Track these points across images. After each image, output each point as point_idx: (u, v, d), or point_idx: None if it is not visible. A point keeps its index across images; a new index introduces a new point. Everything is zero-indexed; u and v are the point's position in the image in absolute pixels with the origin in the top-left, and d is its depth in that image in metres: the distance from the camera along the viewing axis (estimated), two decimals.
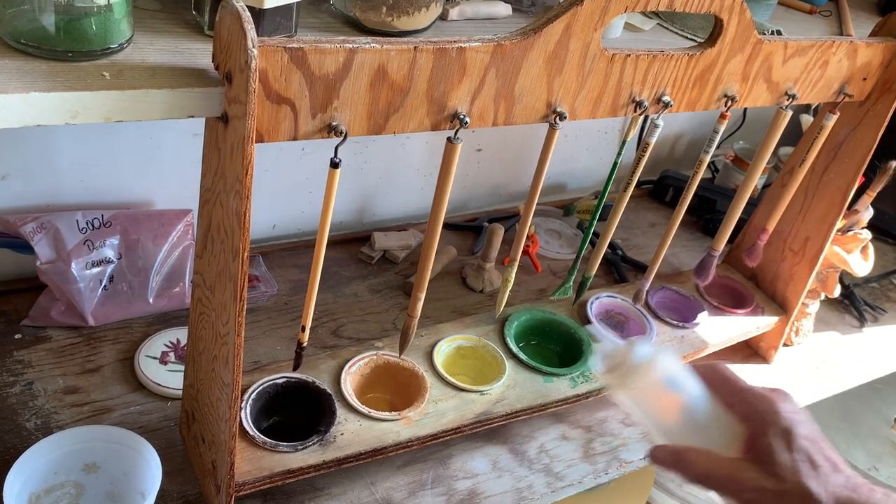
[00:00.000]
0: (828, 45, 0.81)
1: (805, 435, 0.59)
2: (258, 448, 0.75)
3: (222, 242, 0.61)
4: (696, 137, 1.59)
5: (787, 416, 0.59)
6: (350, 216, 1.23)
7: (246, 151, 0.53)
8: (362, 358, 0.87)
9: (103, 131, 0.94)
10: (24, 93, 0.47)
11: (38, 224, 0.89)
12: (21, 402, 0.82)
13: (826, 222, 1.02)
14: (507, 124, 0.67)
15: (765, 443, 0.59)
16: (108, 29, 0.52)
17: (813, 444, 0.59)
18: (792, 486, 0.57)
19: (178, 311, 0.97)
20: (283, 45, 0.52)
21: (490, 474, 0.86)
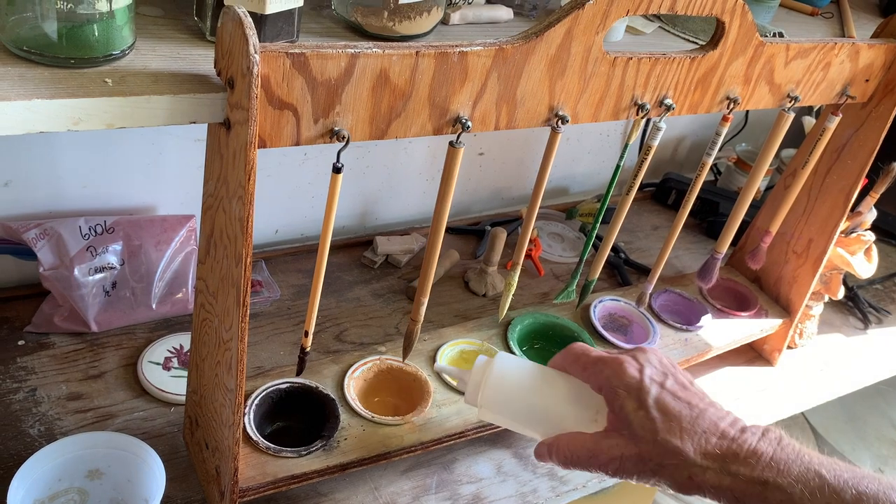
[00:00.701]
0: (830, 46, 0.81)
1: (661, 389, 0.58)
2: (262, 453, 0.75)
3: (225, 248, 0.61)
4: (698, 140, 1.59)
5: (633, 374, 0.58)
6: (352, 221, 1.23)
7: (248, 157, 0.53)
8: (365, 363, 0.86)
9: (106, 137, 0.94)
10: (26, 100, 0.47)
11: (40, 230, 0.90)
12: (25, 409, 0.82)
13: (829, 224, 1.02)
14: (509, 128, 0.67)
15: (618, 406, 0.58)
16: (110, 35, 0.52)
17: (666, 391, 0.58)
18: (652, 446, 0.56)
19: (181, 317, 0.97)
20: (285, 50, 0.52)
21: (494, 479, 0.86)
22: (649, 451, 0.56)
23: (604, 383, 0.59)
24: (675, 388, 0.58)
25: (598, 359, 0.61)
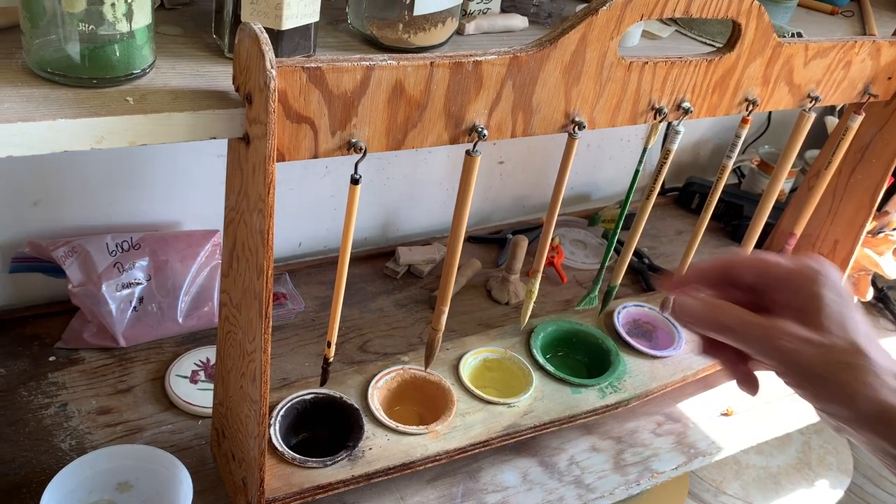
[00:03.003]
0: (850, 45, 0.81)
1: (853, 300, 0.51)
2: (288, 464, 0.75)
3: (247, 261, 0.62)
4: (720, 143, 1.57)
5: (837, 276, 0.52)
6: (374, 232, 1.24)
7: (268, 170, 0.54)
8: (389, 372, 0.87)
9: (130, 155, 0.96)
10: (51, 120, 0.48)
11: (69, 248, 0.91)
12: (56, 424, 0.83)
13: (855, 225, 1.01)
14: (526, 135, 0.67)
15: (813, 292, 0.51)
16: (130, 55, 0.53)
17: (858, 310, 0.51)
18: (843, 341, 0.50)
19: (208, 331, 0.98)
20: (301, 64, 0.53)
21: (520, 487, 0.86)
22: (838, 344, 0.50)
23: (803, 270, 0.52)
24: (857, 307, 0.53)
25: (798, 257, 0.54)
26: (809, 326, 0.50)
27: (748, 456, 1.39)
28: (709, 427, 0.97)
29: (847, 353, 0.50)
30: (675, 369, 0.97)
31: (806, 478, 1.40)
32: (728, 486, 1.35)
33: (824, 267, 0.52)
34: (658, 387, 0.95)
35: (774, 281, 0.53)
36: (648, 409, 0.97)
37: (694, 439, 0.95)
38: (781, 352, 0.50)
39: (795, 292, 0.52)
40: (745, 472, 1.39)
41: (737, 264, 0.56)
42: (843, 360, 0.50)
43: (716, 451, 0.95)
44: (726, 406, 1.00)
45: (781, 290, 0.52)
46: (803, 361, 0.50)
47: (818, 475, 1.41)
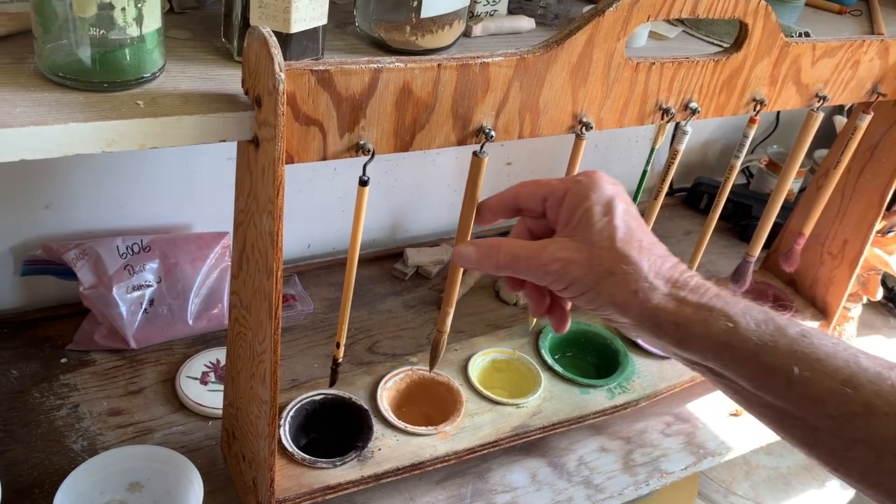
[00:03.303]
0: (858, 44, 0.80)
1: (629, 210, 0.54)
2: (297, 465, 0.76)
3: (256, 262, 0.62)
4: (728, 143, 1.57)
5: (608, 187, 0.55)
6: (382, 233, 1.24)
7: (277, 173, 0.55)
8: (397, 373, 0.87)
9: (140, 158, 0.97)
10: (62, 124, 0.49)
11: (80, 251, 0.92)
12: (68, 425, 0.84)
13: (865, 224, 1.00)
14: (533, 136, 0.67)
15: (584, 208, 0.54)
16: (141, 59, 0.53)
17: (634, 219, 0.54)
18: (607, 252, 0.52)
19: (218, 332, 0.99)
20: (310, 67, 0.53)
21: (529, 487, 0.86)
22: (602, 255, 0.52)
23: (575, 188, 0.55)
24: (637, 216, 0.55)
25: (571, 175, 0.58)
26: (581, 242, 0.53)
27: (758, 456, 1.39)
28: (718, 427, 0.97)
29: (611, 262, 0.52)
30: (684, 369, 0.97)
31: (816, 478, 1.40)
32: (738, 487, 1.35)
33: (595, 182, 0.55)
34: (667, 387, 0.95)
35: (553, 203, 0.55)
36: (657, 410, 0.97)
37: (703, 439, 0.95)
38: (551, 275, 0.53)
39: (570, 212, 0.54)
40: (755, 472, 1.38)
41: (518, 194, 0.59)
42: (607, 269, 0.52)
43: (725, 452, 0.94)
44: (735, 406, 0.99)
45: (559, 210, 0.55)
46: (571, 278, 0.53)
47: (828, 476, 1.41)
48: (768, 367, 0.50)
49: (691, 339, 0.51)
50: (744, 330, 0.50)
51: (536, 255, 0.54)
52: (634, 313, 0.52)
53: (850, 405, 0.48)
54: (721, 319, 0.51)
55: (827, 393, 0.48)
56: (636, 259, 0.52)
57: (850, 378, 0.48)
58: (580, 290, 0.54)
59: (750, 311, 0.51)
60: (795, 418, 0.50)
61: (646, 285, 0.52)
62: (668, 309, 0.52)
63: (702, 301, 0.52)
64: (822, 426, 0.49)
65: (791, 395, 0.49)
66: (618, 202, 0.54)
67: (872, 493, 0.49)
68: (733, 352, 0.50)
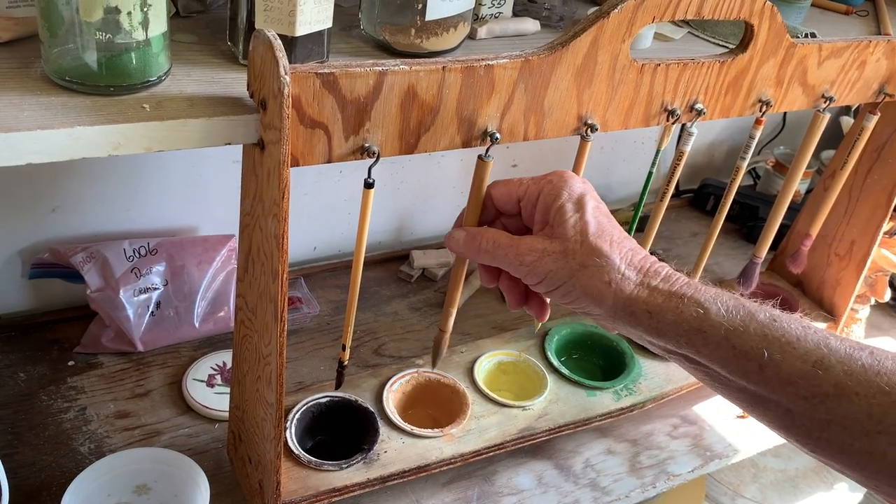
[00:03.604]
0: (864, 45, 0.80)
1: (598, 207, 0.57)
2: (303, 467, 0.76)
3: (262, 265, 0.62)
4: (735, 145, 1.57)
5: (578, 185, 0.58)
6: (388, 235, 1.24)
7: (282, 175, 0.55)
8: (403, 376, 0.87)
9: (146, 161, 0.97)
10: (69, 127, 0.49)
11: (87, 254, 0.92)
12: (75, 427, 0.84)
13: (872, 225, 1.00)
14: (538, 138, 0.67)
15: (555, 209, 0.56)
16: (147, 63, 0.54)
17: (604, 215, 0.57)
18: (580, 246, 0.55)
19: (224, 335, 0.99)
20: (315, 70, 0.53)
21: (535, 490, 0.86)
22: (576, 249, 0.55)
23: (547, 188, 0.58)
24: (607, 213, 0.58)
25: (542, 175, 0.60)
26: (555, 237, 0.56)
27: (766, 459, 1.39)
28: (725, 429, 0.97)
29: (584, 255, 0.55)
30: None
31: (824, 481, 1.39)
32: (746, 490, 1.34)
33: (565, 181, 0.58)
34: (673, 389, 0.95)
35: (527, 204, 0.58)
36: (664, 412, 0.97)
37: (710, 442, 0.95)
38: (526, 266, 0.56)
39: (545, 211, 0.57)
40: (763, 474, 1.38)
41: (492, 196, 0.62)
42: (580, 262, 0.55)
43: (732, 454, 0.94)
44: None
45: (534, 211, 0.58)
46: (545, 271, 0.55)
47: (837, 478, 1.40)
48: (739, 351, 0.51)
49: (664, 327, 0.53)
50: (714, 315, 0.52)
51: (515, 245, 0.57)
52: (608, 304, 0.54)
53: (821, 386, 0.49)
54: (692, 306, 0.52)
55: (798, 375, 0.49)
56: (608, 252, 0.54)
57: (820, 360, 0.49)
58: (555, 283, 0.56)
59: (720, 298, 0.53)
60: (770, 401, 0.51)
61: (618, 276, 0.54)
62: (640, 298, 0.54)
63: (672, 289, 0.53)
64: (795, 408, 0.50)
65: (763, 378, 0.50)
66: (588, 199, 0.57)
67: (850, 472, 0.50)
68: (705, 337, 0.52)
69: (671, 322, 0.53)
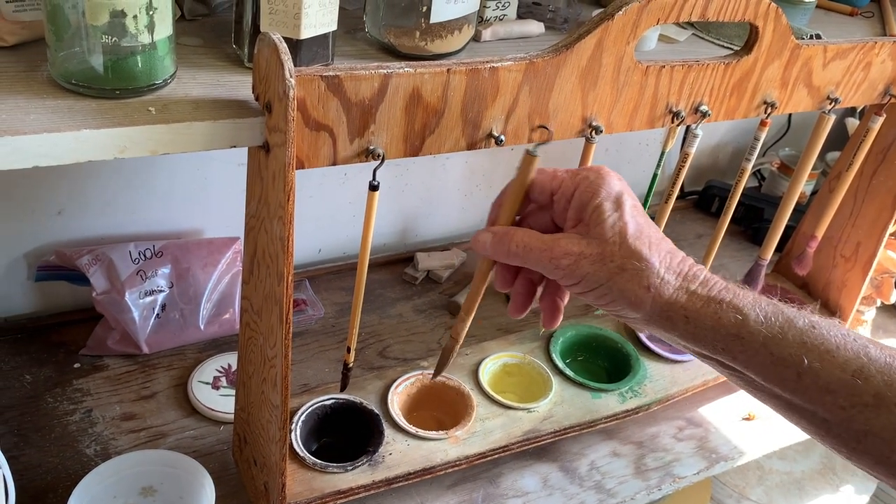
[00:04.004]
0: (870, 46, 0.80)
1: (636, 206, 0.55)
2: (309, 469, 0.76)
3: (267, 267, 0.62)
4: (740, 146, 1.57)
5: (615, 183, 0.55)
6: (393, 238, 1.24)
7: (287, 178, 0.55)
8: (408, 378, 0.87)
9: (152, 164, 0.97)
10: (75, 131, 0.49)
11: (92, 256, 0.93)
12: (81, 430, 0.85)
13: (878, 226, 1.00)
14: (543, 140, 0.67)
15: (594, 205, 0.54)
16: (152, 66, 0.54)
17: (642, 215, 0.55)
18: (619, 248, 0.53)
19: (229, 337, 0.99)
20: (320, 73, 0.53)
21: (541, 492, 0.85)
22: (614, 251, 0.53)
23: (583, 185, 0.55)
24: (643, 211, 0.56)
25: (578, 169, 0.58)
26: (592, 238, 0.53)
27: (771, 461, 1.38)
28: (731, 432, 0.97)
29: (622, 258, 0.53)
30: (696, 374, 0.97)
31: (830, 483, 1.39)
32: (751, 492, 1.34)
33: (603, 178, 0.55)
34: (679, 391, 0.94)
35: (561, 198, 0.56)
36: (669, 414, 0.97)
37: (716, 444, 0.95)
38: (562, 269, 0.54)
39: (580, 208, 0.55)
40: (769, 477, 1.37)
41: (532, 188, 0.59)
42: (618, 265, 0.53)
43: (738, 456, 0.94)
44: (748, 410, 0.99)
45: (568, 207, 0.55)
46: (582, 273, 0.53)
47: (843, 480, 1.39)
48: (777, 358, 0.50)
49: (701, 332, 0.52)
50: (753, 322, 0.51)
51: (549, 248, 0.54)
52: (646, 308, 0.53)
53: (860, 396, 0.48)
54: (731, 312, 0.51)
55: (837, 384, 0.48)
56: (647, 255, 0.53)
57: (860, 369, 0.48)
58: (591, 285, 0.54)
59: (759, 304, 0.51)
60: (805, 410, 0.50)
61: (657, 280, 0.52)
62: (679, 303, 0.52)
63: (711, 294, 0.52)
64: (832, 418, 0.49)
65: (801, 386, 0.49)
66: (626, 198, 0.55)
67: (886, 479, 0.49)
68: (743, 344, 0.51)
69: (709, 327, 0.52)
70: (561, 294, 0.60)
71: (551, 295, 0.60)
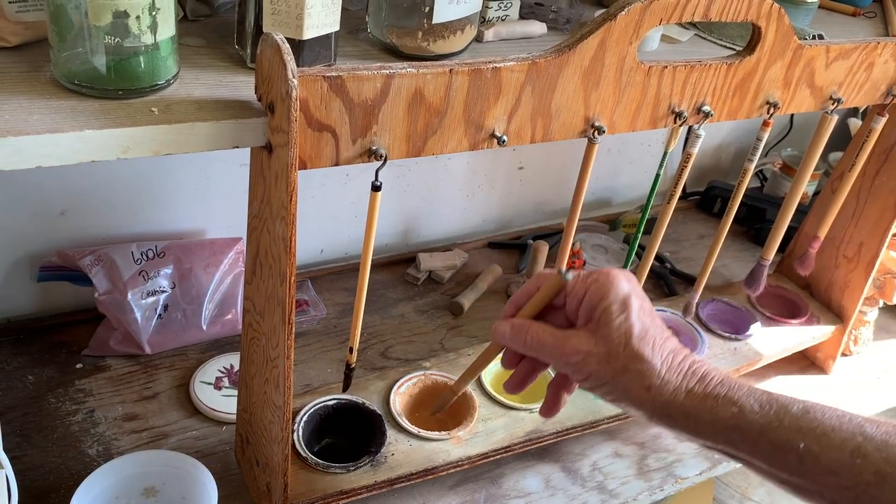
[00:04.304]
0: (872, 46, 0.80)
1: (643, 307, 0.58)
2: (311, 470, 0.76)
3: (270, 268, 0.62)
4: (742, 147, 1.56)
5: (624, 285, 0.58)
6: (395, 238, 1.24)
7: (290, 178, 0.55)
8: (410, 378, 0.87)
9: (155, 164, 0.97)
10: (78, 131, 0.49)
11: (95, 257, 0.93)
12: (83, 430, 0.85)
13: (880, 227, 0.99)
14: (546, 141, 0.67)
15: (601, 309, 0.58)
16: (155, 66, 0.54)
17: (648, 315, 0.58)
18: (623, 349, 0.56)
19: (231, 337, 0.99)
20: (322, 74, 0.53)
21: (543, 493, 0.85)
22: (619, 352, 0.56)
23: (594, 287, 0.59)
24: (651, 312, 0.60)
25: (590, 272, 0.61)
26: (600, 338, 0.57)
27: None
28: None
29: (627, 359, 0.56)
30: None
31: None
32: (754, 493, 1.34)
33: (612, 281, 0.59)
34: None
35: (573, 299, 0.60)
36: None
37: None
38: (571, 365, 0.58)
39: (590, 309, 0.58)
40: None
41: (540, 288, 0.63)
42: (622, 365, 0.57)
43: None
44: None
45: (579, 307, 0.59)
46: (589, 370, 0.57)
47: None
48: (777, 445, 0.53)
49: (701, 427, 0.55)
50: (749, 412, 0.54)
51: (560, 345, 0.58)
52: (647, 407, 0.56)
53: (861, 475, 0.50)
54: (727, 405, 0.54)
55: (837, 465, 0.50)
56: (649, 356, 0.56)
57: (857, 448, 0.50)
58: (597, 382, 0.58)
59: (753, 394, 0.55)
60: (813, 493, 0.52)
61: (657, 381, 0.56)
62: (677, 402, 0.56)
63: (707, 390, 0.55)
64: (839, 498, 0.51)
65: (803, 469, 0.52)
66: (633, 300, 0.58)
67: None
68: (742, 434, 0.54)
69: (707, 422, 0.55)
70: (568, 387, 0.63)
71: (558, 387, 0.63)
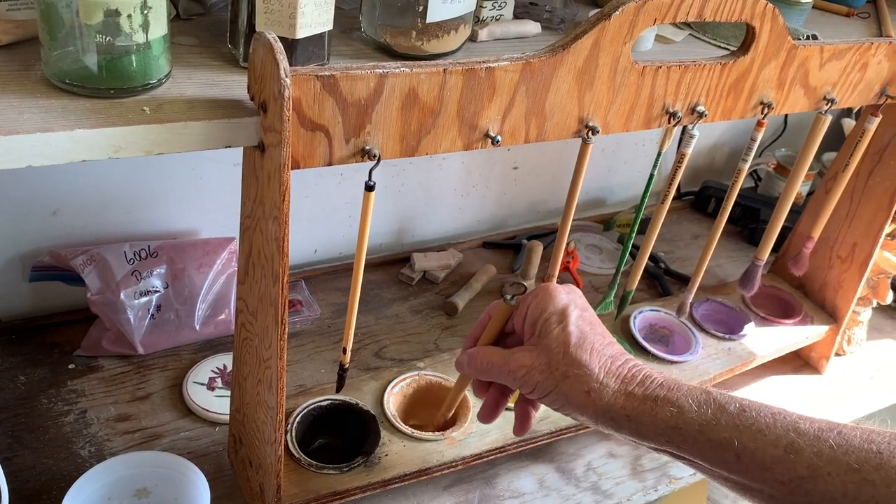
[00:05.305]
0: (866, 46, 0.80)
1: (583, 316, 0.61)
2: (304, 470, 0.76)
3: (263, 268, 0.62)
4: (736, 147, 1.57)
5: (562, 298, 0.62)
6: (389, 238, 1.24)
7: (282, 178, 0.55)
8: (404, 378, 0.87)
9: (147, 164, 0.97)
10: (69, 130, 0.49)
11: (87, 257, 0.92)
12: (75, 431, 0.84)
13: (874, 227, 1.00)
14: (539, 141, 0.67)
15: (541, 323, 0.61)
16: (147, 66, 0.54)
17: (588, 323, 0.61)
18: (562, 357, 0.59)
19: (225, 338, 0.99)
20: (315, 73, 0.53)
21: (537, 493, 0.85)
22: (558, 360, 0.59)
23: (534, 303, 0.62)
24: (592, 320, 0.62)
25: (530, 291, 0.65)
26: (541, 350, 0.60)
27: None
28: None
29: (566, 365, 0.59)
30: (692, 374, 0.96)
31: None
32: None
33: (550, 295, 0.62)
34: None
35: (518, 318, 0.64)
36: None
37: None
38: (518, 380, 0.61)
39: (532, 324, 0.62)
40: None
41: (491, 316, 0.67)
42: (562, 373, 0.59)
43: None
44: None
45: (524, 324, 0.63)
46: (534, 382, 0.60)
47: None
48: (715, 443, 0.54)
49: (643, 429, 0.57)
50: (687, 412, 0.55)
51: (506, 363, 0.62)
52: (590, 411, 0.58)
53: (795, 470, 0.51)
54: (666, 406, 0.56)
55: (772, 461, 0.52)
56: (587, 362, 0.58)
57: (790, 444, 0.52)
58: (543, 392, 0.60)
59: (692, 394, 0.56)
60: (753, 489, 0.53)
61: (596, 385, 0.58)
62: (618, 404, 0.57)
63: (647, 392, 0.57)
64: (776, 493, 0.52)
65: (741, 466, 0.53)
66: (571, 310, 0.61)
67: None
68: (682, 434, 0.55)
69: (648, 423, 0.56)
70: (533, 403, 0.66)
71: (525, 404, 0.66)
